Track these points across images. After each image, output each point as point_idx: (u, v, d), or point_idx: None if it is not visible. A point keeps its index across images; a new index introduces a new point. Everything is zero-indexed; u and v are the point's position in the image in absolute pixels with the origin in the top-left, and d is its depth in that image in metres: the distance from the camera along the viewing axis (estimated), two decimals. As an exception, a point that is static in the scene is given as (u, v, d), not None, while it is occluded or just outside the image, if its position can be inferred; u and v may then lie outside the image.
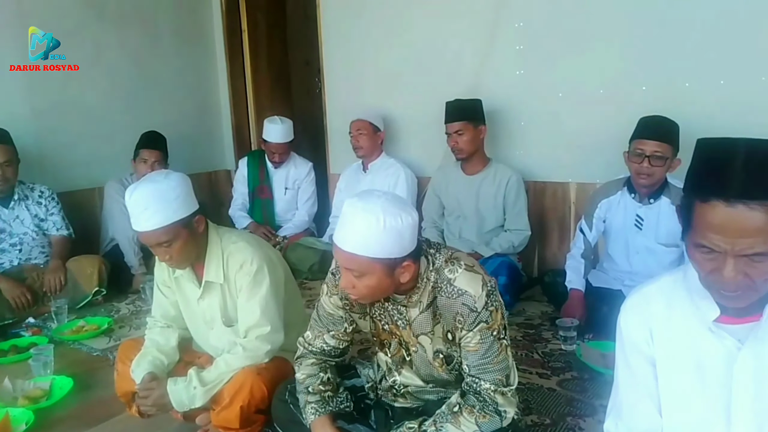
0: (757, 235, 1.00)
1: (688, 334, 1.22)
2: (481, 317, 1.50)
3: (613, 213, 2.79)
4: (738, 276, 1.04)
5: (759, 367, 1.15)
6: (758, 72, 2.75)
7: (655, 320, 1.26)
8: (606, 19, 3.09)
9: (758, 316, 1.14)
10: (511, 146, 3.52)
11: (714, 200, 1.03)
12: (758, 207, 0.99)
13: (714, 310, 1.17)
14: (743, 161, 1.01)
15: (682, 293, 1.23)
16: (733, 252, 1.03)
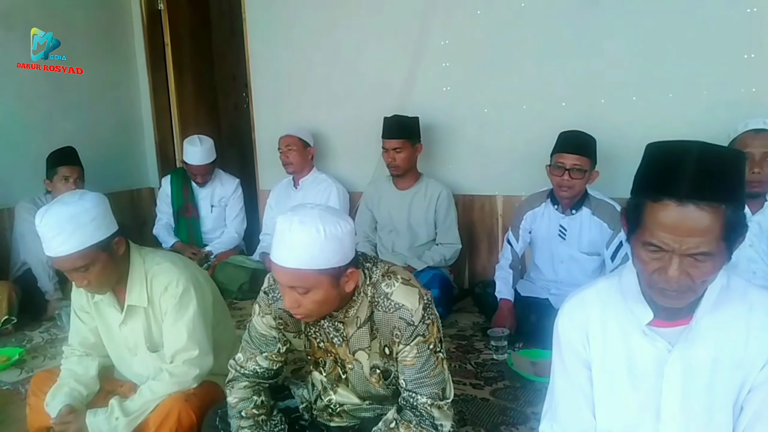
0: (704, 234, 1.04)
1: (622, 337, 1.26)
2: (418, 331, 1.50)
3: (538, 224, 2.89)
4: (681, 276, 1.08)
5: (687, 368, 1.21)
6: (666, 89, 2.94)
7: (591, 324, 1.30)
8: (527, 37, 3.22)
9: (688, 319, 1.20)
10: (441, 161, 3.58)
11: (666, 200, 1.07)
12: (707, 208, 1.04)
13: (647, 314, 1.22)
14: (695, 163, 1.06)
15: (617, 297, 1.27)
16: (680, 251, 1.07)
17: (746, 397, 1.19)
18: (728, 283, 1.20)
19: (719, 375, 1.19)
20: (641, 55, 2.97)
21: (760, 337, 1.16)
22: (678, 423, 1.23)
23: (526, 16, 3.20)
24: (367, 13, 3.60)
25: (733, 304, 1.18)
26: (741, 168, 1.11)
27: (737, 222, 1.07)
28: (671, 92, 2.93)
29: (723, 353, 1.18)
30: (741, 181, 1.10)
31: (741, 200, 1.08)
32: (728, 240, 1.07)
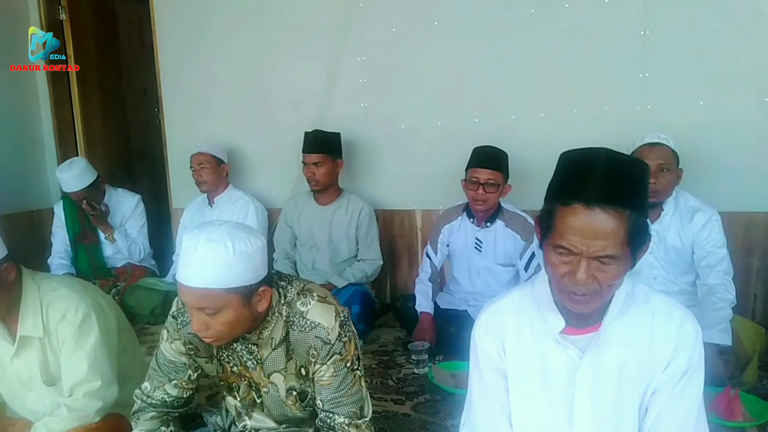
0: (610, 238, 1.09)
1: (535, 345, 1.29)
2: (334, 349, 1.47)
3: (455, 237, 2.94)
4: (589, 279, 1.12)
5: (597, 374, 1.24)
6: (571, 107, 3.09)
7: (507, 333, 1.31)
8: (440, 55, 3.30)
9: (597, 326, 1.23)
10: (361, 176, 3.58)
11: (575, 203, 1.10)
12: (612, 212, 1.08)
13: (560, 322, 1.24)
14: (602, 169, 1.10)
15: (531, 306, 1.30)
16: (587, 253, 1.10)
17: (650, 398, 1.24)
18: (633, 289, 1.25)
19: (626, 379, 1.23)
20: (548, 75, 3.12)
21: (662, 341, 1.21)
22: (588, 428, 1.26)
23: (440, 35, 3.28)
24: (282, 27, 3.56)
25: (638, 310, 1.23)
26: (644, 177, 1.16)
27: (640, 228, 1.11)
28: (576, 109, 3.08)
29: (629, 358, 1.23)
30: (644, 189, 1.15)
31: (644, 207, 1.13)
32: (632, 245, 1.11)
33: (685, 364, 1.20)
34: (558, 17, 3.05)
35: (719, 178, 2.86)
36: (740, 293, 2.70)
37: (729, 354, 2.33)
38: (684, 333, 1.21)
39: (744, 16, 2.78)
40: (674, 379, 1.21)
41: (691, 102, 2.90)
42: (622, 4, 2.95)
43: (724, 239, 2.55)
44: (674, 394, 1.21)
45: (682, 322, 1.22)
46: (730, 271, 2.50)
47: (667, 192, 2.57)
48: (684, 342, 1.20)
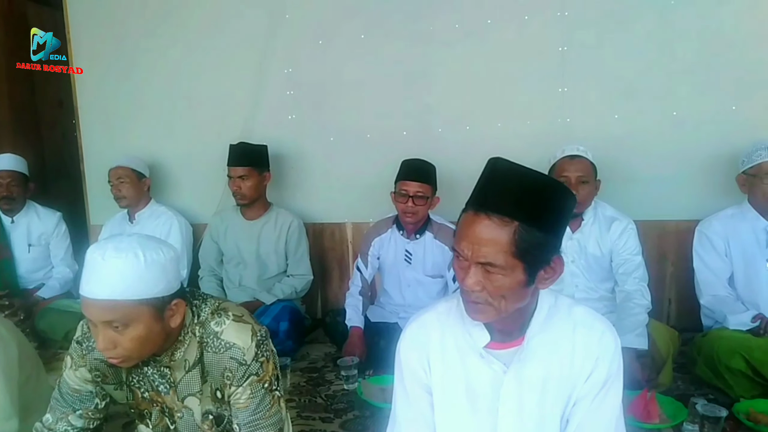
0: (491, 245, 1.09)
1: (460, 360, 1.28)
2: (251, 370, 1.42)
3: (385, 250, 2.94)
4: (476, 285, 1.13)
5: (521, 388, 1.24)
6: (495, 120, 3.16)
7: (432, 347, 1.30)
8: (368, 69, 3.29)
9: (521, 340, 1.23)
10: (290, 190, 3.52)
11: (469, 210, 1.13)
12: (497, 219, 1.09)
13: (484, 336, 1.24)
14: (494, 179, 1.13)
15: (457, 320, 1.29)
16: (472, 258, 1.11)
17: (571, 410, 1.25)
18: (555, 302, 1.26)
19: (549, 392, 1.24)
20: (473, 88, 3.18)
21: (584, 353, 1.22)
22: None
23: (367, 48, 3.28)
24: (206, 37, 3.46)
25: (560, 322, 1.24)
26: (546, 193, 1.11)
27: (534, 243, 1.09)
28: (500, 122, 3.16)
29: (552, 371, 1.23)
30: (543, 205, 1.10)
31: (540, 223, 1.09)
32: (524, 259, 1.10)
33: (605, 375, 1.22)
34: (482, 32, 3.12)
35: (633, 189, 2.99)
36: (655, 298, 2.83)
37: (646, 357, 2.42)
38: (604, 344, 1.22)
39: (654, 36, 2.94)
40: (594, 390, 1.22)
41: (606, 116, 3.03)
42: (542, 22, 3.05)
43: (640, 247, 2.66)
44: (594, 404, 1.22)
45: (603, 333, 1.23)
46: (645, 278, 2.61)
47: (586, 203, 2.67)
48: (604, 353, 1.22)
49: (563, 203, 1.15)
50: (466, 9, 3.13)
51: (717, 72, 2.88)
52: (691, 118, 2.93)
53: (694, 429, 2.02)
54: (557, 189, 1.15)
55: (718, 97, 2.89)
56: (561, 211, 1.15)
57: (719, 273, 2.60)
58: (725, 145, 2.85)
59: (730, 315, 2.46)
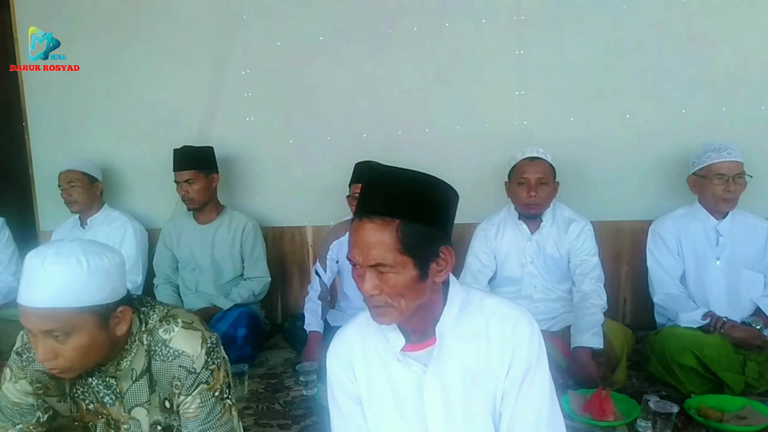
0: (377, 246, 1.12)
1: (382, 367, 1.28)
2: (200, 378, 1.38)
3: (344, 253, 2.89)
4: (374, 290, 1.15)
5: (443, 386, 1.25)
6: (453, 123, 3.17)
7: (355, 358, 1.31)
8: (328, 70, 3.27)
9: (435, 338, 1.24)
10: (249, 193, 3.46)
11: (354, 219, 1.16)
12: (378, 221, 1.12)
13: (400, 340, 1.25)
14: (366, 183, 1.18)
15: (375, 328, 1.29)
16: (365, 263, 1.14)
17: (501, 403, 1.25)
18: (467, 296, 1.27)
19: (472, 386, 1.24)
20: (432, 91, 3.18)
21: (500, 343, 1.22)
22: None
23: (326, 51, 3.25)
24: (161, 37, 3.38)
25: (473, 316, 1.25)
26: (423, 189, 1.15)
27: (419, 237, 1.12)
28: (458, 125, 3.17)
29: (471, 365, 1.24)
30: (421, 199, 1.14)
31: (420, 216, 1.13)
32: (412, 254, 1.13)
33: (525, 364, 1.22)
34: (439, 36, 3.13)
35: (590, 190, 3.05)
36: (611, 297, 2.89)
37: (601, 356, 2.46)
38: (519, 332, 1.22)
39: (607, 40, 2.99)
40: (518, 382, 1.22)
41: (562, 118, 3.07)
42: (498, 25, 3.08)
43: (596, 248, 2.71)
44: (521, 396, 1.22)
45: (516, 321, 1.23)
46: (601, 278, 2.66)
47: (546, 204, 2.70)
48: (520, 341, 1.22)
49: (442, 196, 1.18)
50: (424, 12, 3.14)
51: (668, 76, 2.96)
52: (644, 121, 2.99)
53: (647, 425, 2.05)
54: (434, 183, 1.17)
55: (669, 101, 2.97)
56: (441, 204, 1.18)
57: (672, 271, 2.67)
58: (676, 147, 2.92)
59: (682, 313, 2.52)
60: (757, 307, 2.56)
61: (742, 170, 2.54)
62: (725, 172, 2.52)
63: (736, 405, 2.18)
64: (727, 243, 2.60)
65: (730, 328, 2.45)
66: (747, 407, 2.17)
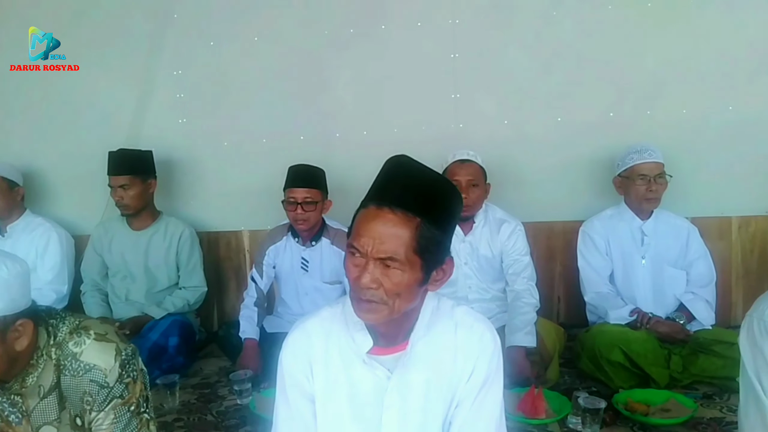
0: (394, 239, 1.08)
1: (343, 367, 1.24)
2: (113, 393, 1.31)
3: (281, 258, 2.86)
4: (374, 283, 1.10)
5: (404, 394, 1.23)
6: (391, 125, 3.17)
7: (315, 355, 1.26)
8: (264, 71, 3.21)
9: (405, 344, 1.22)
10: (182, 197, 3.36)
11: (370, 205, 1.11)
12: (401, 214, 1.09)
13: (367, 342, 1.21)
14: (398, 174, 1.13)
15: (341, 326, 1.25)
16: (372, 253, 1.09)
17: (454, 412, 1.24)
18: (438, 304, 1.26)
19: (432, 395, 1.23)
20: (369, 93, 3.18)
21: (465, 353, 1.22)
22: None
23: (262, 51, 3.20)
24: (87, 35, 3.22)
25: (443, 324, 1.24)
26: (447, 194, 1.15)
27: (433, 241, 1.11)
28: (396, 127, 3.17)
29: (435, 373, 1.23)
30: (443, 205, 1.13)
31: (439, 222, 1.12)
32: (423, 256, 1.11)
33: (485, 374, 1.22)
34: (375, 38, 3.13)
35: (523, 192, 3.11)
36: (545, 296, 2.95)
37: (534, 355, 2.50)
38: (484, 343, 1.23)
39: (538, 45, 3.06)
40: (475, 390, 1.22)
41: (497, 121, 3.12)
42: (434, 29, 3.10)
43: (528, 248, 2.76)
44: (475, 405, 1.22)
45: (482, 333, 1.24)
46: (533, 277, 2.71)
47: (477, 206, 2.73)
48: (483, 352, 1.22)
49: (457, 205, 1.19)
50: (360, 14, 3.13)
51: (596, 80, 3.05)
52: (574, 124, 3.08)
53: (577, 421, 2.10)
54: (453, 191, 1.19)
55: (598, 105, 3.06)
56: (456, 213, 1.19)
57: (601, 271, 2.75)
58: (604, 150, 3.01)
59: (611, 310, 2.60)
60: (680, 303, 2.67)
61: (662, 170, 2.65)
62: (647, 173, 2.62)
63: (660, 398, 2.26)
64: (651, 242, 2.70)
65: (656, 323, 2.54)
66: (671, 400, 2.24)
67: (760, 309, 1.27)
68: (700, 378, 2.44)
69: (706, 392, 2.38)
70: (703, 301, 2.64)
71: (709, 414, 2.20)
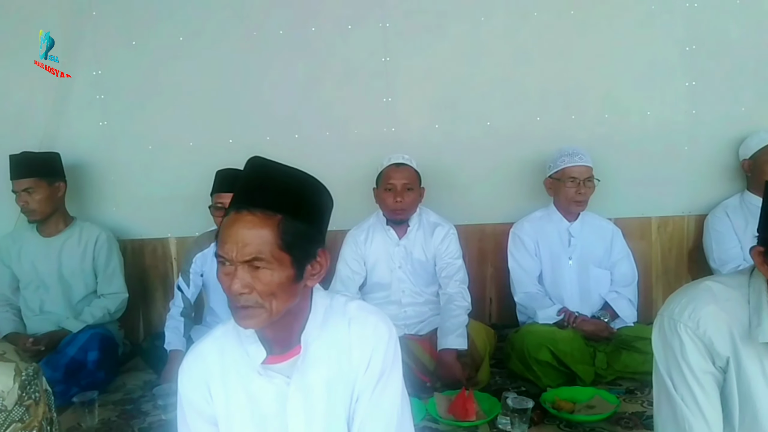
0: (256, 239, 1.08)
1: (241, 383, 1.22)
2: (12, 416, 1.22)
3: (209, 266, 2.77)
4: (245, 288, 1.09)
5: (306, 398, 1.21)
6: (323, 128, 3.13)
7: (212, 376, 1.23)
8: (188, 71, 3.10)
9: (299, 348, 1.20)
10: (102, 203, 3.20)
11: (231, 211, 1.11)
12: (260, 214, 1.09)
13: (260, 352, 1.19)
14: (251, 175, 1.14)
15: (234, 342, 1.23)
16: (238, 258, 1.08)
17: (354, 406, 1.23)
18: (331, 302, 1.26)
19: (334, 394, 1.22)
20: (300, 96, 3.12)
21: (360, 346, 1.22)
22: None
23: (187, 51, 3.09)
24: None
25: (336, 321, 1.24)
26: (306, 187, 1.17)
27: (300, 235, 1.12)
28: (328, 131, 3.13)
29: (334, 372, 1.22)
30: (305, 198, 1.15)
31: (302, 214, 1.13)
32: (291, 252, 1.11)
33: (381, 366, 1.22)
34: (306, 40, 3.08)
35: (456, 195, 3.13)
36: (478, 298, 2.99)
37: (465, 357, 2.52)
38: (378, 334, 1.23)
39: (468, 49, 3.09)
40: (372, 382, 1.22)
41: (428, 125, 3.13)
42: (365, 32, 3.08)
43: (460, 251, 2.79)
44: (374, 397, 1.22)
45: (376, 324, 1.24)
46: (465, 280, 2.74)
47: (412, 209, 2.74)
48: (378, 343, 1.23)
49: (323, 198, 1.21)
50: (289, 15, 3.07)
51: (523, 84, 3.11)
52: (503, 128, 3.12)
53: (506, 422, 2.12)
54: (315, 184, 1.19)
55: (526, 108, 3.12)
56: (322, 205, 1.20)
57: (530, 271, 2.80)
58: (533, 153, 3.07)
59: (539, 310, 2.65)
60: (605, 302, 2.76)
61: (591, 174, 2.74)
62: (577, 176, 2.70)
63: (586, 395, 2.32)
64: (578, 243, 2.78)
65: (582, 322, 2.61)
66: (596, 397, 2.31)
67: (670, 308, 1.32)
68: (623, 374, 2.53)
69: (628, 387, 2.46)
70: (626, 299, 2.74)
71: (632, 409, 2.28)
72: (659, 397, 1.34)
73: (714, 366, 1.27)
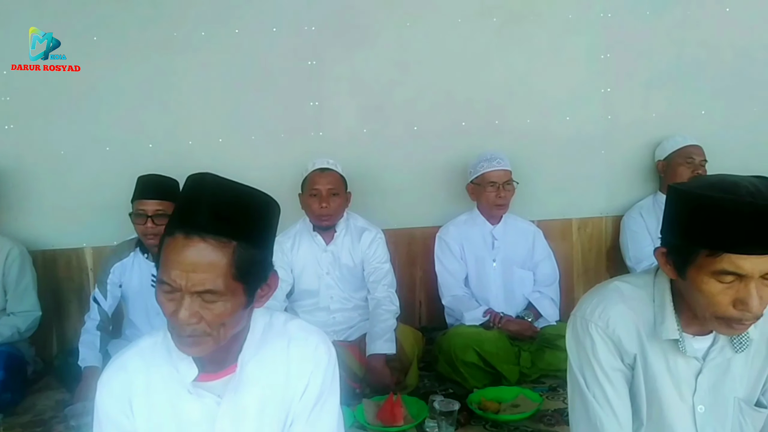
0: (210, 270, 1.00)
1: (168, 400, 1.16)
2: None
3: (128, 276, 2.65)
4: (193, 318, 1.02)
5: (237, 416, 1.16)
6: (248, 132, 3.06)
7: (135, 391, 1.16)
8: (103, 72, 2.95)
9: (234, 367, 1.15)
10: (11, 212, 2.98)
11: (177, 233, 1.01)
12: (213, 241, 1.01)
13: (192, 370, 1.13)
14: (205, 197, 1.03)
15: (163, 356, 1.16)
16: (187, 288, 1.01)
17: (290, 430, 1.19)
18: (270, 320, 1.21)
19: (266, 417, 1.18)
20: (224, 100, 3.04)
21: (298, 368, 1.18)
22: None
23: (101, 52, 2.93)
24: None
25: (275, 340, 1.19)
26: (260, 207, 1.10)
27: (253, 262, 1.06)
28: (253, 135, 3.07)
29: (268, 393, 1.17)
30: (258, 220, 1.09)
31: (257, 239, 1.08)
32: (244, 280, 1.05)
33: (318, 390, 1.19)
34: (230, 42, 3.00)
35: (384, 199, 3.14)
36: (407, 301, 3.01)
37: (394, 361, 2.52)
38: (318, 356, 1.20)
39: (394, 54, 3.11)
40: (309, 407, 1.19)
41: (356, 129, 3.13)
42: (291, 34, 3.03)
43: (388, 255, 2.79)
44: (310, 422, 1.19)
45: (317, 346, 1.21)
46: (393, 284, 2.74)
47: (338, 215, 2.72)
48: (317, 365, 1.20)
49: (275, 217, 1.15)
50: (212, 16, 2.98)
51: (449, 90, 3.16)
52: (430, 133, 3.16)
53: (433, 425, 2.14)
54: (268, 202, 1.13)
55: (451, 114, 3.17)
56: (274, 225, 1.15)
57: (456, 274, 2.85)
58: (457, 157, 3.12)
59: (466, 312, 2.70)
60: (528, 302, 2.83)
61: (510, 177, 2.81)
62: (496, 180, 2.77)
63: (511, 395, 2.37)
64: (501, 246, 2.85)
65: (507, 322, 2.67)
66: (520, 396, 2.37)
67: (582, 308, 1.36)
68: (546, 372, 2.60)
69: (551, 385, 2.54)
70: (549, 299, 2.83)
71: (554, 406, 2.35)
72: (573, 394, 1.38)
73: (623, 363, 1.32)
